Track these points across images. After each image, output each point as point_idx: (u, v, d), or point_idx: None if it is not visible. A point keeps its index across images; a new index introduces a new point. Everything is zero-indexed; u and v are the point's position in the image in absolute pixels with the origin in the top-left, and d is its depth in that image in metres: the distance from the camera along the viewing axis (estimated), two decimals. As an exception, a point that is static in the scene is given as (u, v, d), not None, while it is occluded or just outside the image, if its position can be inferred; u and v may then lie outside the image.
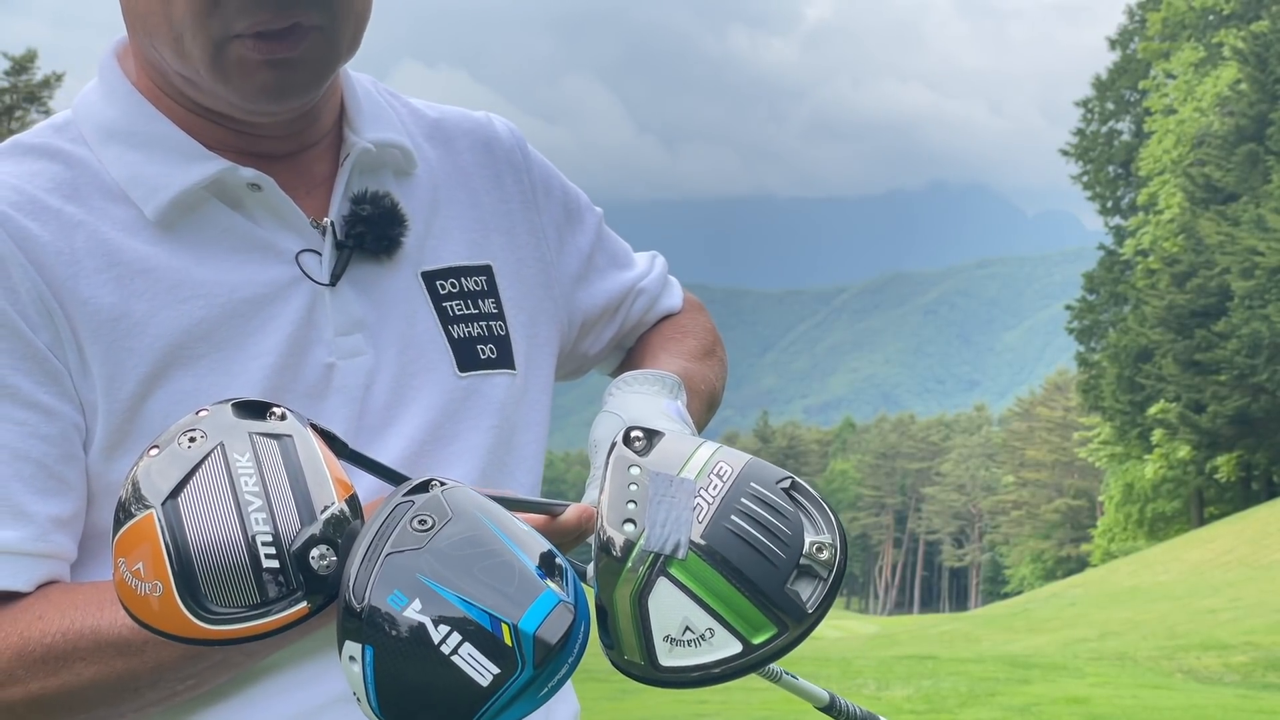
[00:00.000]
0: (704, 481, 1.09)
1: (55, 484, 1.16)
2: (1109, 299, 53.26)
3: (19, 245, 1.17)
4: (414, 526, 0.96)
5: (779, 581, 1.04)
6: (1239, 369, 41.23)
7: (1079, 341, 54.97)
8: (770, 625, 1.04)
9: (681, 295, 1.64)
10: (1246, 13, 48.35)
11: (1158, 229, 47.96)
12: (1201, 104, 48.30)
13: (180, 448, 1.00)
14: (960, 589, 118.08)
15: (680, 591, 1.04)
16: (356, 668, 0.93)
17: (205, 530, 0.96)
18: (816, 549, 1.06)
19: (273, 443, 1.01)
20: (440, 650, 0.91)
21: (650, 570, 1.04)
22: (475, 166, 1.44)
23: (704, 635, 1.04)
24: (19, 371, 1.15)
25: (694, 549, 1.05)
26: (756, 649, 1.04)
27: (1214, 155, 45.50)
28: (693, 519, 1.06)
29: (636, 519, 1.07)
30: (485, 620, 0.92)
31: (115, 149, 1.25)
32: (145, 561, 0.96)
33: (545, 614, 0.94)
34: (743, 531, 1.05)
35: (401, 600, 0.93)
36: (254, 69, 1.18)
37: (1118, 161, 54.88)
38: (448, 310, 1.34)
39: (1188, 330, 43.43)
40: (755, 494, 1.08)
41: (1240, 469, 44.43)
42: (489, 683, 0.91)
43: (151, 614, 0.96)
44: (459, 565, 0.94)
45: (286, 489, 0.99)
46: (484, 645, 0.91)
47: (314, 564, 0.96)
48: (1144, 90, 53.10)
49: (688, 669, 1.05)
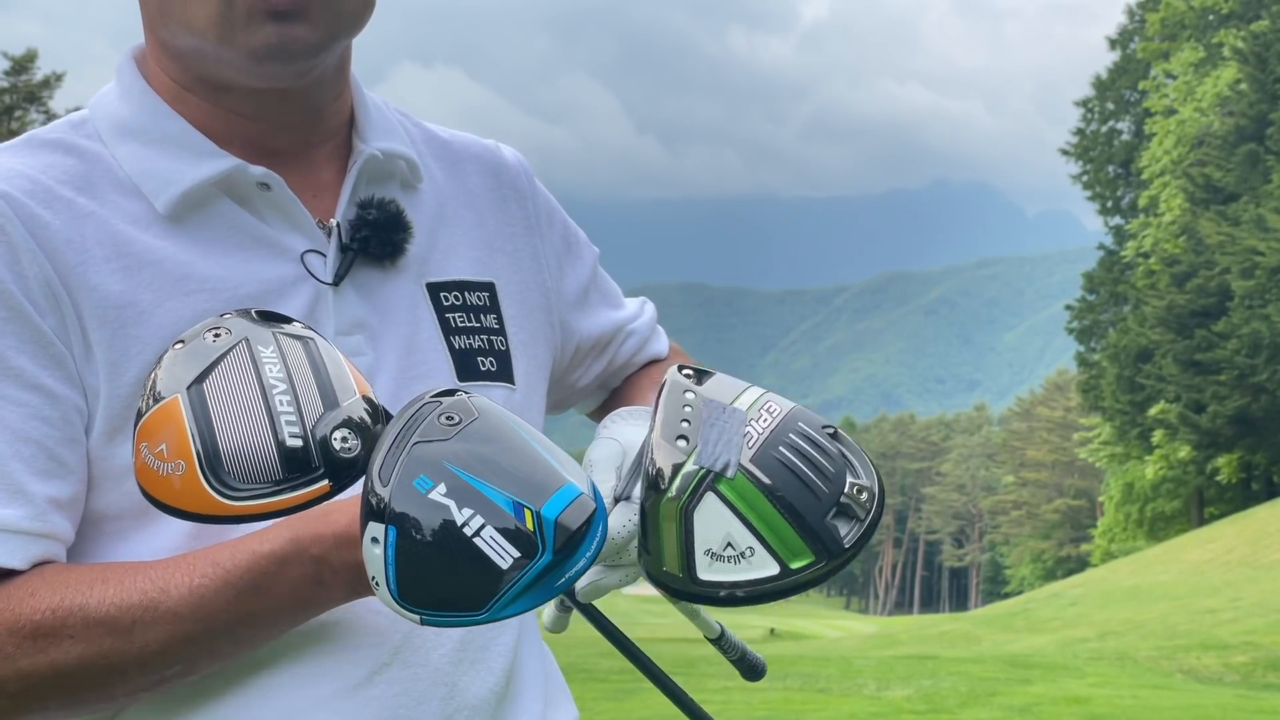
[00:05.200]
0: (753, 415, 1.13)
1: (55, 466, 1.17)
2: (1109, 299, 53.31)
3: (30, 231, 1.19)
4: (442, 421, 0.99)
5: (820, 513, 1.08)
6: (1239, 369, 41.25)
7: (1079, 341, 55.03)
8: (808, 553, 1.08)
9: (668, 343, 1.68)
10: (1246, 12, 48.35)
11: (1159, 230, 47.97)
12: (1201, 104, 48.30)
13: (205, 341, 1.04)
14: (960, 589, 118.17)
15: (726, 508, 1.08)
16: (378, 549, 0.94)
17: (230, 411, 1.00)
18: (857, 490, 1.10)
19: (296, 342, 1.06)
20: (463, 531, 0.93)
21: (699, 485, 1.08)
22: (482, 189, 1.47)
23: (744, 553, 1.07)
24: (24, 354, 1.17)
25: (742, 471, 1.08)
26: (792, 574, 1.07)
27: (1214, 155, 45.51)
28: (743, 444, 1.10)
29: (689, 436, 1.10)
30: (508, 505, 0.94)
31: (129, 145, 1.27)
32: (169, 442, 0.99)
33: (567, 503, 0.96)
34: (789, 462, 1.09)
35: (427, 483, 0.95)
36: (259, 24, 1.20)
37: (1118, 161, 54.92)
38: (450, 321, 1.36)
39: (1188, 330, 43.45)
40: (802, 431, 1.12)
41: (1240, 469, 44.44)
42: (509, 565, 0.94)
43: (173, 493, 0.99)
44: (485, 456, 0.97)
45: (310, 378, 1.03)
46: (506, 529, 0.94)
47: (336, 445, 1.00)
48: (1144, 90, 53.11)
49: (723, 584, 1.08)
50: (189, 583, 1.12)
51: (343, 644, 1.23)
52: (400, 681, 1.25)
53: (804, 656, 18.19)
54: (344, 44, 1.29)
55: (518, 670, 1.36)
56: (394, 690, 1.24)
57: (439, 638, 1.27)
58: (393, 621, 1.24)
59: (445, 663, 1.27)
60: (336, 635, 1.23)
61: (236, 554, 1.13)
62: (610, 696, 9.27)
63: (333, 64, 1.31)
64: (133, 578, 1.13)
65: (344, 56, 1.33)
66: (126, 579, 1.13)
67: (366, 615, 1.24)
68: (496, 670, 1.32)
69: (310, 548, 1.12)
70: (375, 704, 1.23)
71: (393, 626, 1.25)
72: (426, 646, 1.26)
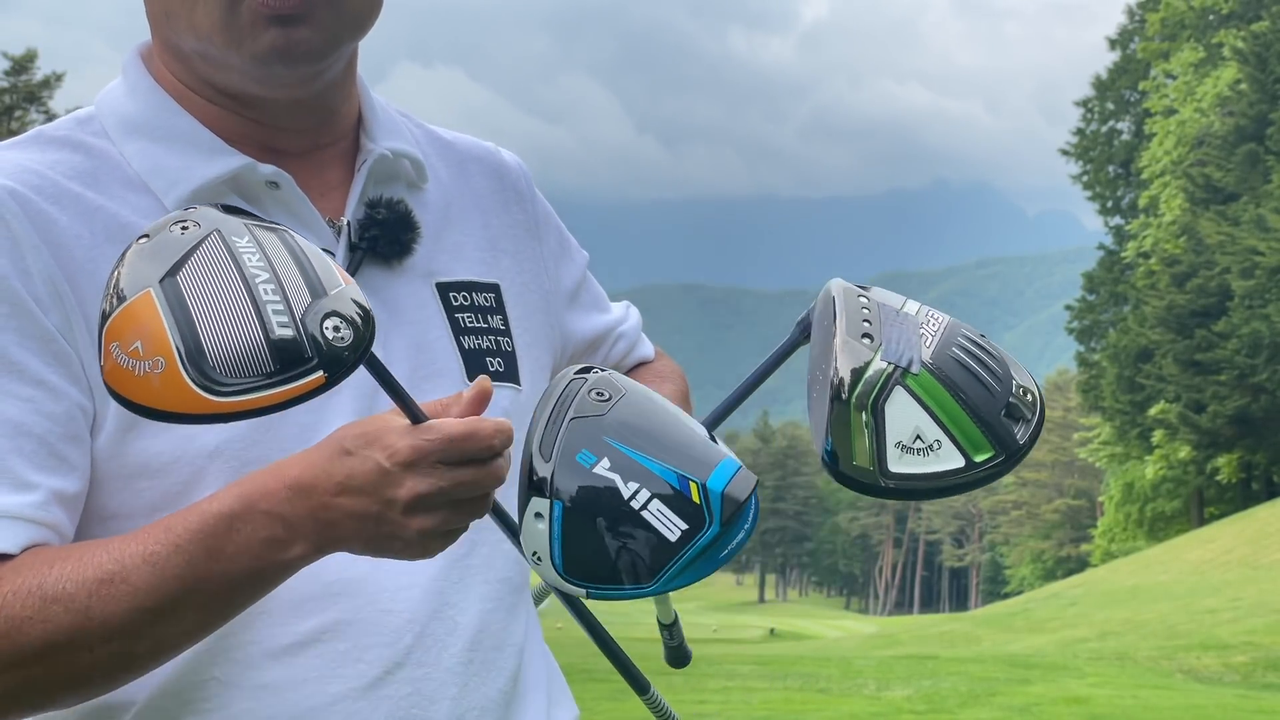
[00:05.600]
0: (921, 319, 1.18)
1: (56, 462, 1.16)
2: (1109, 299, 53.27)
3: (36, 227, 1.18)
4: (593, 397, 0.99)
5: (996, 409, 1.13)
6: (1239, 369, 41.23)
7: (1079, 341, 54.99)
8: (989, 447, 1.12)
9: (652, 347, 1.70)
10: (1246, 13, 48.31)
11: (1159, 231, 47.94)
12: (1202, 104, 48.26)
13: (173, 234, 0.98)
14: (960, 589, 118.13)
15: (915, 402, 1.11)
16: (542, 524, 0.94)
17: (210, 304, 0.94)
18: (1023, 391, 1.15)
19: (270, 232, 1.01)
20: (630, 505, 0.94)
21: (887, 381, 1.11)
22: (486, 191, 1.47)
23: (932, 446, 1.11)
24: (27, 350, 1.15)
25: (926, 367, 1.12)
26: (976, 467, 1.11)
27: (1214, 155, 45.49)
28: (921, 342, 1.14)
29: (873, 335, 1.14)
30: (673, 478, 0.95)
31: (137, 143, 1.27)
32: (144, 339, 0.93)
33: (731, 475, 0.97)
34: (964, 361, 1.14)
35: (590, 458, 0.95)
36: (263, 27, 1.20)
37: (1118, 161, 54.88)
38: (459, 321, 1.36)
39: (1188, 330, 43.43)
40: (968, 335, 1.17)
41: (1240, 469, 44.40)
42: (677, 538, 0.94)
43: (152, 393, 0.93)
44: (642, 430, 0.97)
45: (292, 267, 0.98)
46: (672, 502, 0.95)
47: (329, 334, 0.95)
48: (1144, 91, 53.08)
49: (912, 476, 1.11)
50: (142, 551, 1.09)
51: (355, 644, 1.23)
52: (412, 681, 1.25)
53: (804, 656, 18.19)
54: (349, 48, 1.29)
55: (524, 670, 1.37)
56: (406, 690, 1.24)
57: (451, 638, 1.27)
58: (406, 622, 1.24)
59: (456, 663, 1.27)
60: (350, 635, 1.23)
61: (188, 517, 1.09)
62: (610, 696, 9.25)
63: (340, 67, 1.30)
64: (92, 553, 1.10)
65: (351, 58, 1.33)
66: (87, 554, 1.10)
67: (380, 615, 1.23)
68: (505, 671, 1.32)
69: (259, 502, 1.08)
70: (387, 704, 1.23)
71: (406, 627, 1.24)
72: (438, 647, 1.26)
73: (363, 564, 1.17)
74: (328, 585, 1.21)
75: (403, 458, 1.04)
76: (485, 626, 1.31)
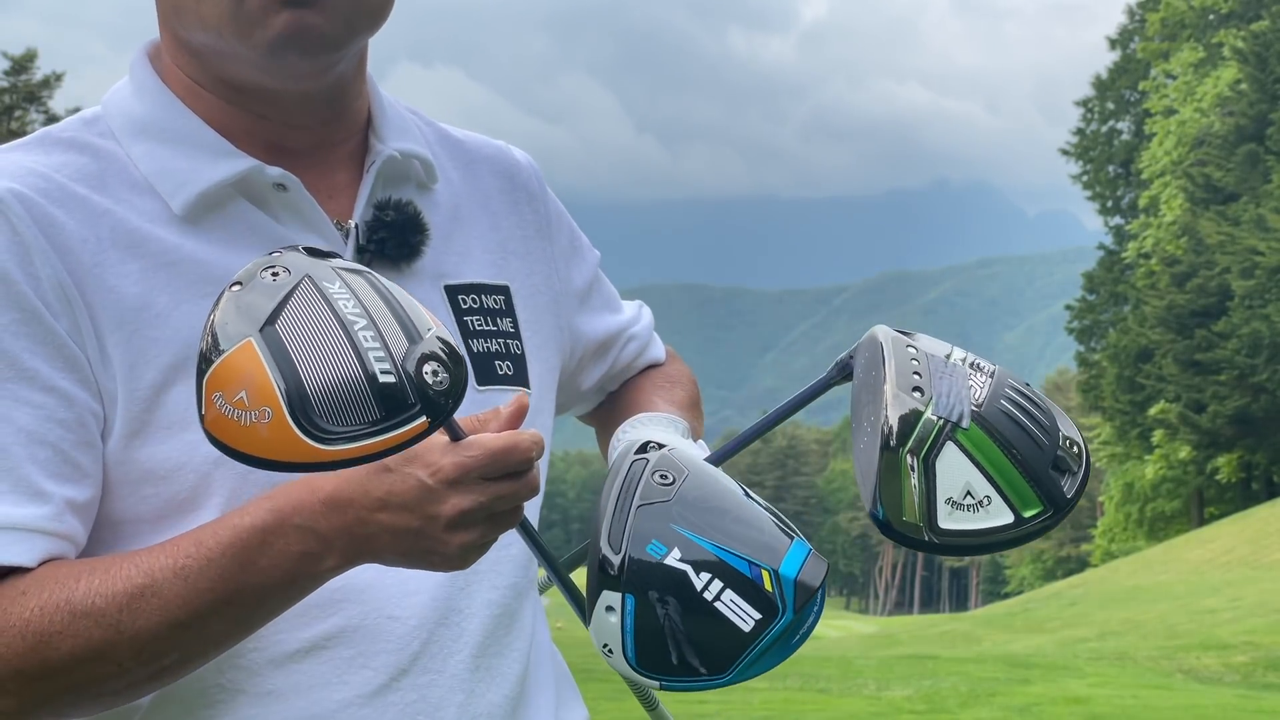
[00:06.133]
0: (968, 370, 1.16)
1: (70, 469, 1.15)
2: (1109, 299, 53.26)
3: (44, 231, 1.17)
4: (657, 480, 0.97)
5: (1045, 463, 1.11)
6: (1239, 369, 41.22)
7: (1079, 341, 54.98)
8: (1038, 502, 1.10)
9: (664, 348, 1.67)
10: (1246, 12, 48.31)
11: (1159, 231, 47.94)
12: (1202, 104, 48.25)
13: (265, 281, 0.98)
14: (960, 589, 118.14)
15: (965, 457, 1.09)
16: (614, 618, 0.93)
17: (312, 350, 0.94)
18: (1069, 443, 1.13)
19: (358, 275, 1.01)
20: (703, 597, 0.92)
21: (938, 435, 1.09)
22: (496, 191, 1.46)
23: (982, 502, 1.09)
24: (38, 356, 1.15)
25: (976, 422, 1.10)
26: (1026, 523, 1.09)
27: (1214, 155, 45.48)
28: (969, 395, 1.12)
29: (923, 388, 1.12)
30: (744, 567, 0.93)
31: (144, 144, 1.25)
32: (249, 389, 0.93)
33: (802, 560, 0.96)
34: (1013, 415, 1.12)
35: (661, 549, 0.93)
36: (273, 13, 1.18)
37: (1118, 161, 54.88)
38: (468, 324, 1.35)
39: (1188, 330, 43.42)
40: (1016, 387, 1.15)
41: (1240, 469, 44.39)
42: (751, 628, 0.93)
43: (259, 443, 0.93)
44: (710, 515, 0.95)
45: (386, 312, 0.98)
46: (745, 591, 0.93)
47: (429, 379, 0.95)
48: (1144, 90, 53.08)
49: (962, 533, 1.09)
50: (173, 564, 1.09)
51: (362, 650, 1.22)
52: (418, 688, 1.24)
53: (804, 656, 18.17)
54: (362, 40, 1.28)
55: (531, 674, 1.36)
56: (412, 697, 1.24)
57: (458, 644, 1.27)
58: (413, 629, 1.24)
59: (463, 670, 1.27)
60: (356, 641, 1.22)
61: (219, 530, 1.10)
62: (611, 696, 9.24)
63: (351, 64, 1.29)
64: (120, 566, 1.11)
65: (361, 56, 1.32)
66: (114, 568, 1.11)
67: (387, 622, 1.23)
68: (512, 676, 1.32)
69: (292, 517, 1.09)
70: (394, 710, 1.23)
71: (412, 633, 1.24)
72: (445, 654, 1.26)
73: (369, 571, 1.17)
74: (334, 592, 1.20)
75: (446, 475, 1.05)
76: (492, 632, 1.30)
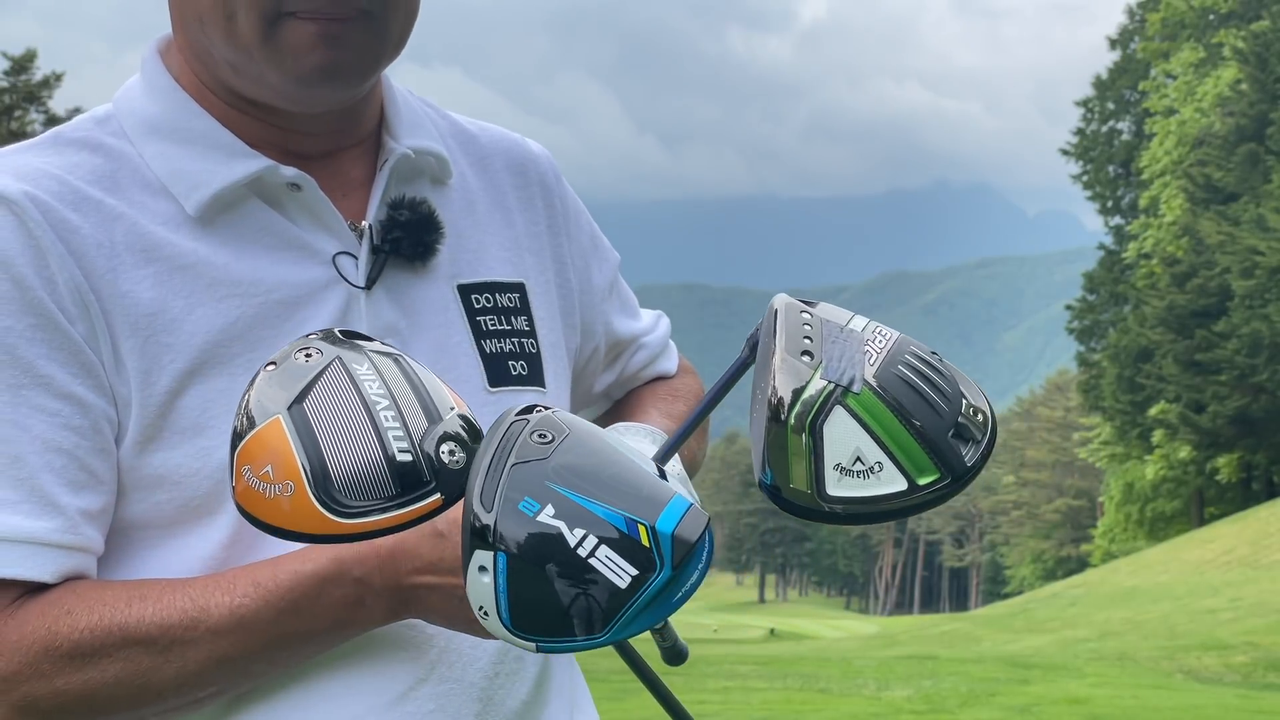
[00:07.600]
0: (867, 336, 1.12)
1: (86, 477, 1.15)
2: (1109, 299, 53.28)
3: (59, 236, 1.16)
4: (534, 440, 0.96)
5: (943, 430, 1.07)
6: (1239, 369, 41.22)
7: (1079, 341, 54.99)
8: (934, 470, 1.06)
9: (678, 361, 1.65)
10: (1246, 12, 48.31)
11: (1159, 231, 47.94)
12: (1202, 104, 48.25)
13: (298, 361, 1.03)
14: (960, 589, 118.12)
15: (855, 422, 1.06)
16: (486, 578, 0.92)
17: (335, 429, 0.98)
18: (973, 411, 1.09)
19: (387, 359, 1.04)
20: (577, 553, 0.90)
21: (827, 399, 1.06)
22: (510, 186, 1.44)
23: (873, 468, 1.06)
24: (54, 362, 1.14)
25: (868, 387, 1.07)
26: (920, 490, 1.06)
27: (1214, 155, 45.47)
28: (864, 361, 1.09)
29: (813, 352, 1.09)
30: (620, 522, 0.92)
31: (157, 144, 1.24)
32: (275, 464, 0.97)
33: (680, 515, 0.94)
34: (910, 380, 1.08)
35: (533, 506, 0.92)
36: (308, 48, 1.17)
37: (1118, 161, 54.90)
38: (481, 325, 1.34)
39: (1188, 330, 43.42)
40: (916, 353, 1.11)
41: (1240, 469, 44.40)
42: (627, 584, 0.91)
43: (282, 515, 0.97)
44: (586, 472, 0.94)
45: (409, 393, 1.01)
46: (621, 547, 0.91)
47: (445, 458, 0.98)
48: (1144, 90, 53.08)
49: (852, 500, 1.06)
50: (229, 602, 1.12)
51: (380, 658, 1.22)
52: (436, 697, 1.24)
53: (804, 656, 18.20)
54: (387, 65, 1.27)
55: (547, 678, 1.35)
56: (430, 705, 1.23)
57: (476, 651, 1.26)
58: (430, 636, 1.23)
59: (481, 676, 1.26)
60: (374, 650, 1.22)
61: (278, 573, 1.12)
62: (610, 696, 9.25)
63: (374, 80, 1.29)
64: (171, 595, 1.12)
65: None
66: (165, 596, 1.12)
67: (404, 630, 1.22)
68: (529, 680, 1.31)
69: (353, 569, 1.12)
70: (412, 719, 1.22)
71: (430, 641, 1.24)
72: (463, 661, 1.25)
73: None
74: None
75: None
76: None
